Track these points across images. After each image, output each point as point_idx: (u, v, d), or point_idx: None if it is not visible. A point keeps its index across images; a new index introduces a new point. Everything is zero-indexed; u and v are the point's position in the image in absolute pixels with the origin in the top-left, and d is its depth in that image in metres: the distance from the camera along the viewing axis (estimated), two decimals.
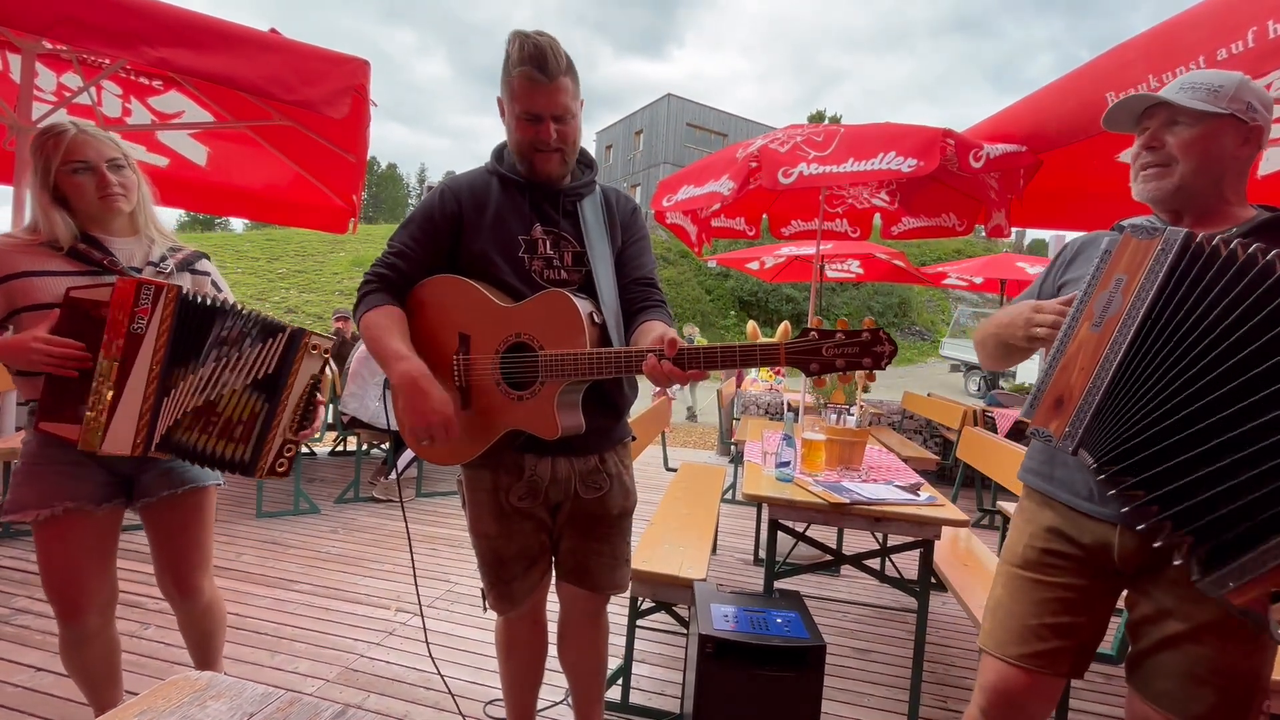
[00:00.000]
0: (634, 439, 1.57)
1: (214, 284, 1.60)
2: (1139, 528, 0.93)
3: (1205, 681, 1.04)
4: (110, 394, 1.32)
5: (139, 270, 1.45)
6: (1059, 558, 1.18)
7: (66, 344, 1.29)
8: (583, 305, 1.26)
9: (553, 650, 1.63)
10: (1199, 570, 0.89)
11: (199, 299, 1.40)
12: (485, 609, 1.55)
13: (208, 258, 1.63)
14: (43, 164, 1.36)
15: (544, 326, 1.27)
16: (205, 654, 1.70)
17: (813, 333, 1.11)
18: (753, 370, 6.18)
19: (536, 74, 1.22)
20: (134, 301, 1.32)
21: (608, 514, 1.46)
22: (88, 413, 1.31)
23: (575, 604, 1.54)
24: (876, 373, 1.63)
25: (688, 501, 2.82)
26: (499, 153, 1.42)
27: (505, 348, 1.30)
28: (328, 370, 1.51)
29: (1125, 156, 2.59)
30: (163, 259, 1.49)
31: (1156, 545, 0.91)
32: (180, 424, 1.38)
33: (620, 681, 2.07)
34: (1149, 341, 0.94)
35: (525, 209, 1.37)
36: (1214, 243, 0.92)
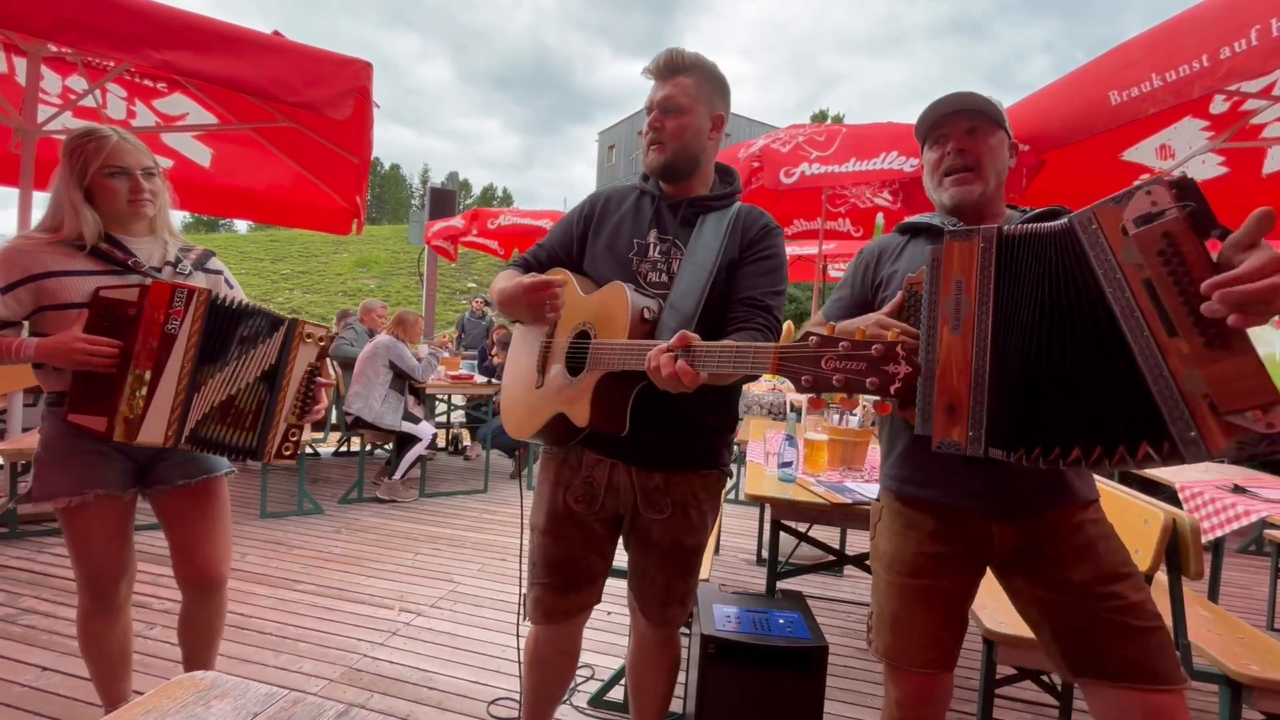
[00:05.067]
0: (728, 474, 1.46)
1: (226, 281, 1.67)
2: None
3: (1116, 623, 1.10)
4: (145, 389, 1.39)
5: (158, 270, 1.51)
6: (944, 560, 1.22)
7: (106, 343, 1.36)
8: (637, 299, 1.23)
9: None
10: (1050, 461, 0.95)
11: (226, 302, 1.47)
12: (526, 616, 1.48)
13: (216, 256, 1.70)
14: (80, 164, 1.41)
15: (601, 316, 1.28)
16: (204, 651, 1.71)
17: (813, 337, 0.93)
18: None
19: (652, 69, 1.36)
20: (169, 303, 1.40)
21: (664, 543, 1.37)
22: (123, 406, 1.38)
23: (639, 629, 1.50)
24: None
25: None
26: (645, 174, 1.48)
27: (575, 335, 1.33)
28: (328, 364, 1.57)
29: (1130, 155, 2.59)
30: (178, 259, 1.56)
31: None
32: (207, 418, 1.45)
33: (621, 682, 2.07)
34: (1006, 326, 1.00)
35: (648, 217, 1.40)
36: (1020, 228, 1.01)
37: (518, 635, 1.53)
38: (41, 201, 1.51)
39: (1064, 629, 1.16)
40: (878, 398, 0.87)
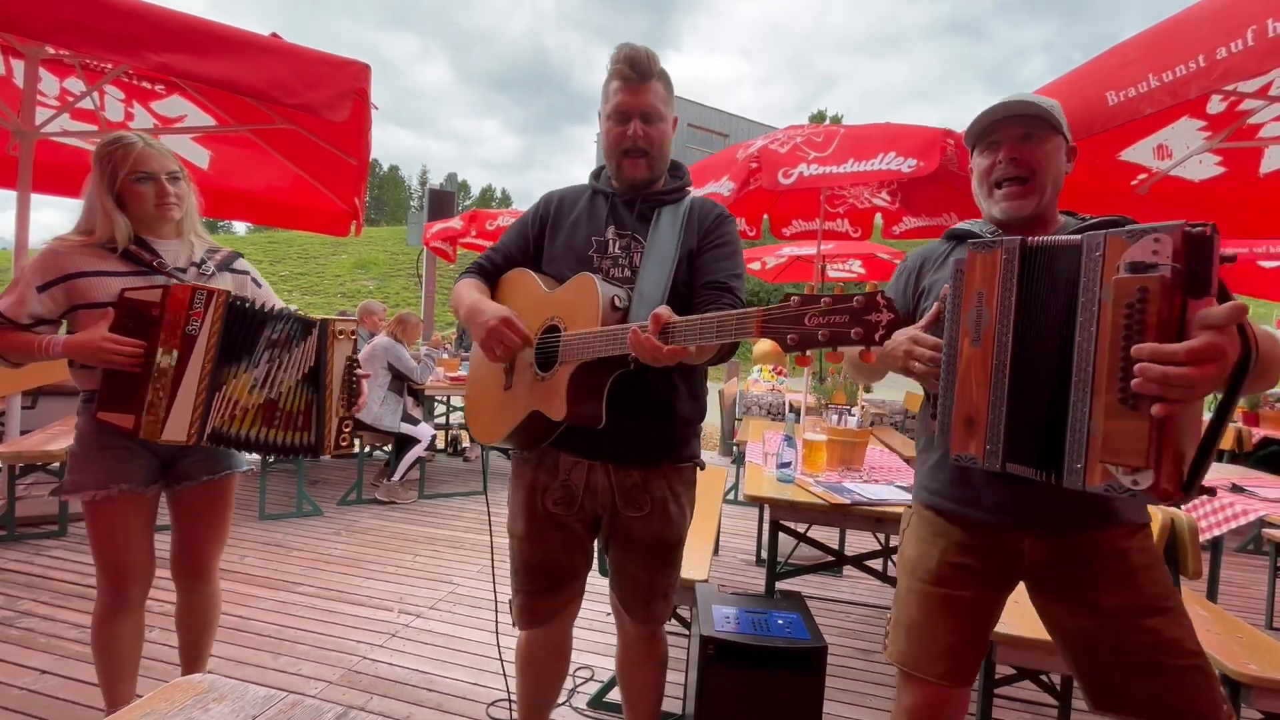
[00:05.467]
0: (700, 466, 1.47)
1: (253, 280, 1.72)
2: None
3: (1147, 659, 1.06)
4: (169, 388, 1.44)
5: (184, 271, 1.56)
6: (969, 573, 1.19)
7: (131, 342, 1.41)
8: (606, 288, 1.23)
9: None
10: (1058, 480, 0.95)
11: (244, 303, 1.52)
12: (513, 623, 1.49)
13: (243, 257, 1.74)
14: (110, 170, 1.48)
15: (570, 309, 1.28)
16: (197, 648, 1.75)
17: (793, 298, 0.93)
18: (754, 371, 6.18)
19: (629, 71, 1.30)
20: (189, 305, 1.45)
21: (645, 539, 1.38)
22: (148, 404, 1.43)
23: (624, 629, 1.51)
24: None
25: None
26: (596, 173, 1.48)
27: (543, 331, 1.32)
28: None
29: (1127, 155, 2.59)
30: (203, 260, 1.60)
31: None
32: (238, 418, 1.51)
33: None
34: (1028, 341, 0.99)
35: (603, 214, 1.40)
36: (1040, 240, 1.00)
37: (497, 633, 1.52)
38: (39, 204, 1.53)
39: (1090, 658, 1.12)
40: (863, 347, 0.88)
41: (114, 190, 1.48)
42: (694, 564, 2.02)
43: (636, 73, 1.29)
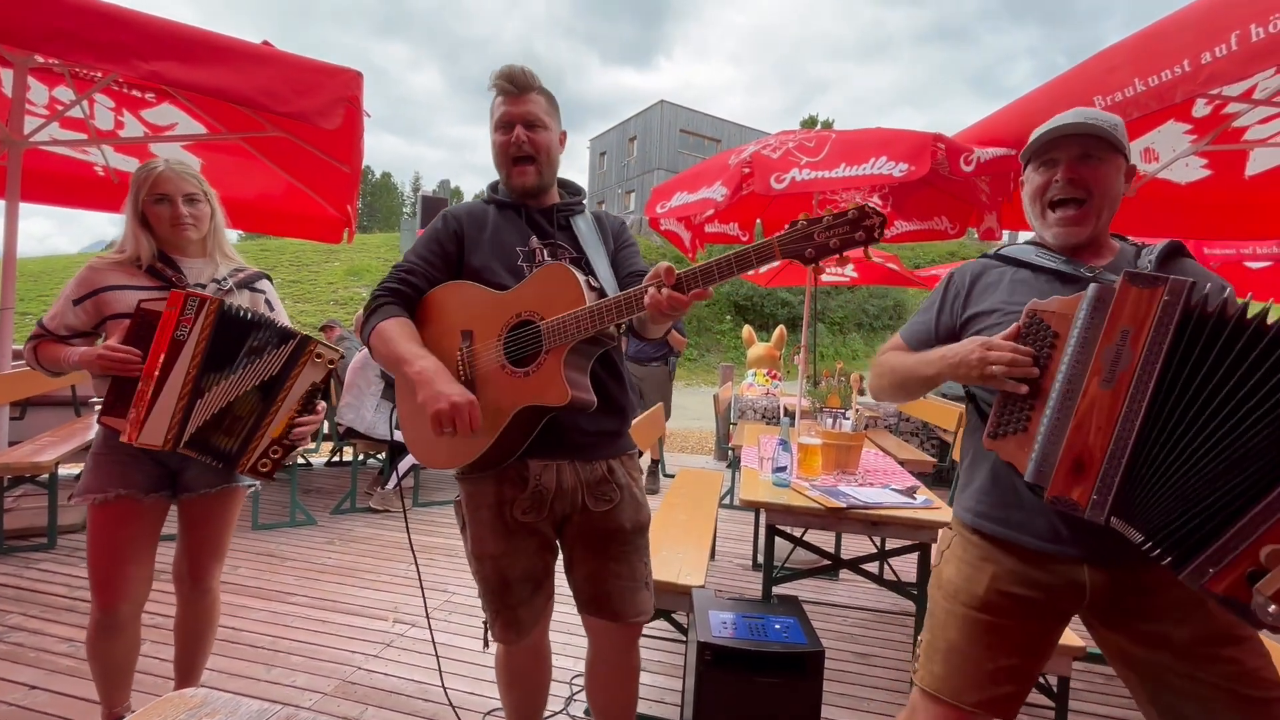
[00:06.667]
0: (640, 453, 1.54)
1: (267, 302, 1.75)
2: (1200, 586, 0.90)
3: (1226, 691, 1.00)
4: (150, 392, 1.47)
5: (204, 287, 1.61)
6: (1021, 602, 1.13)
7: (124, 349, 1.47)
8: (580, 273, 1.29)
9: (555, 661, 1.62)
10: (1175, 564, 0.89)
11: (239, 311, 1.53)
12: (486, 645, 1.48)
13: (269, 278, 1.80)
14: (134, 193, 1.58)
15: (544, 299, 1.29)
16: (191, 660, 1.76)
17: (801, 221, 1.09)
18: (749, 375, 6.18)
19: (507, 85, 1.38)
20: (180, 311, 1.48)
21: (620, 529, 1.41)
22: (131, 408, 1.47)
23: (602, 638, 1.47)
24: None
25: (685, 507, 2.82)
26: (493, 185, 1.52)
27: (508, 329, 1.31)
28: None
29: None
30: (225, 278, 1.67)
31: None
32: (208, 424, 1.52)
33: None
34: (1173, 400, 0.91)
35: (522, 225, 1.44)
36: (1211, 298, 0.92)
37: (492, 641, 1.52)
38: (28, 212, 1.55)
39: (1164, 692, 1.05)
40: (865, 247, 1.06)
41: (138, 211, 1.58)
42: (690, 569, 2.02)
43: (515, 85, 1.37)
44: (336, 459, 5.35)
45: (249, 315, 1.54)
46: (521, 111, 1.37)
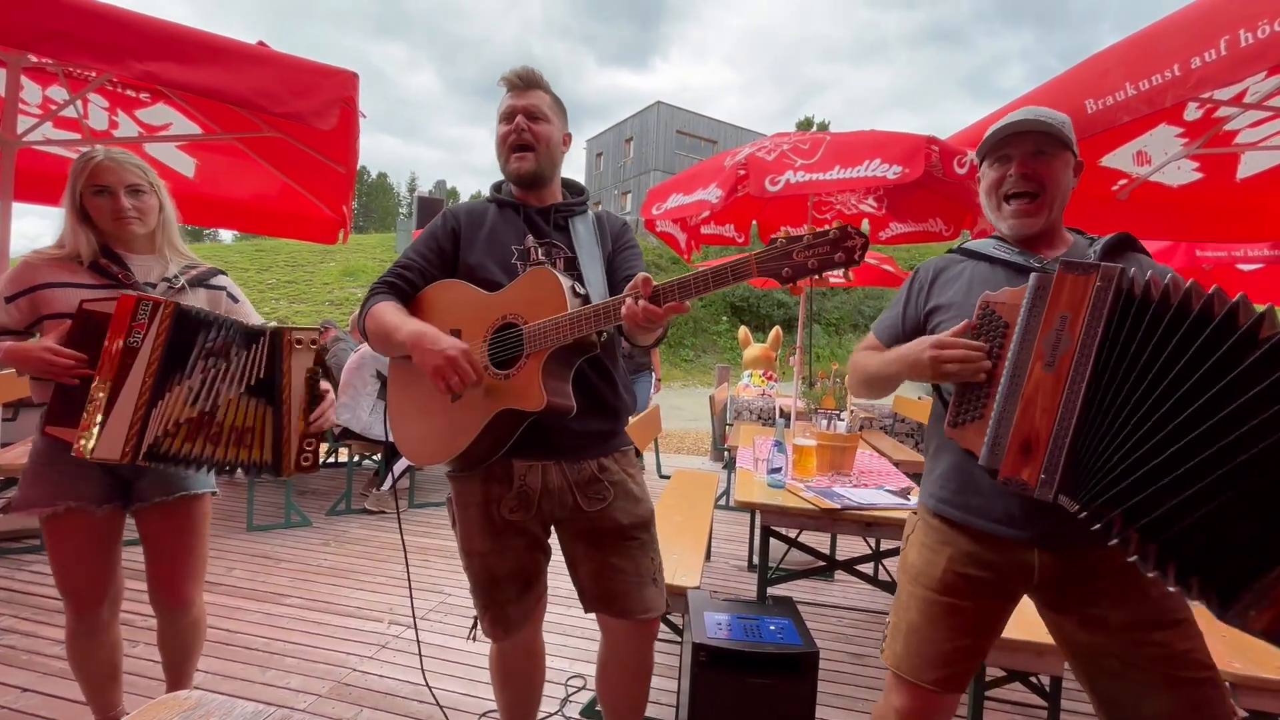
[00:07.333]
0: (638, 452, 1.54)
1: (230, 296, 1.67)
2: (1131, 558, 0.92)
3: (1158, 674, 1.05)
4: (104, 403, 1.37)
5: (154, 286, 1.52)
6: (974, 582, 1.18)
7: (69, 354, 1.36)
8: (564, 278, 1.28)
9: (551, 661, 1.62)
10: (1218, 607, 0.89)
11: (197, 315, 1.45)
12: (473, 637, 1.51)
13: (224, 273, 1.70)
14: (72, 184, 1.47)
15: (527, 303, 1.29)
16: (181, 670, 1.71)
17: (780, 239, 1.06)
18: (745, 376, 6.19)
19: (514, 80, 1.43)
20: (132, 316, 1.38)
21: (618, 526, 1.39)
22: (83, 419, 1.36)
23: (616, 635, 1.45)
24: None
25: (681, 509, 2.82)
26: (496, 185, 1.53)
27: (493, 331, 1.32)
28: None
29: (1107, 161, 2.63)
30: (176, 276, 1.56)
31: (1152, 574, 0.91)
32: (173, 435, 1.42)
33: None
34: (1107, 378, 0.95)
35: (519, 224, 1.45)
36: (1142, 280, 0.96)
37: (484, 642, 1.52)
38: (20, 213, 1.52)
39: (1100, 677, 1.11)
40: (844, 269, 1.04)
41: (76, 204, 1.47)
42: (686, 570, 2.02)
43: (522, 81, 1.43)
44: (332, 460, 5.33)
45: (205, 315, 1.46)
46: (525, 104, 1.40)
